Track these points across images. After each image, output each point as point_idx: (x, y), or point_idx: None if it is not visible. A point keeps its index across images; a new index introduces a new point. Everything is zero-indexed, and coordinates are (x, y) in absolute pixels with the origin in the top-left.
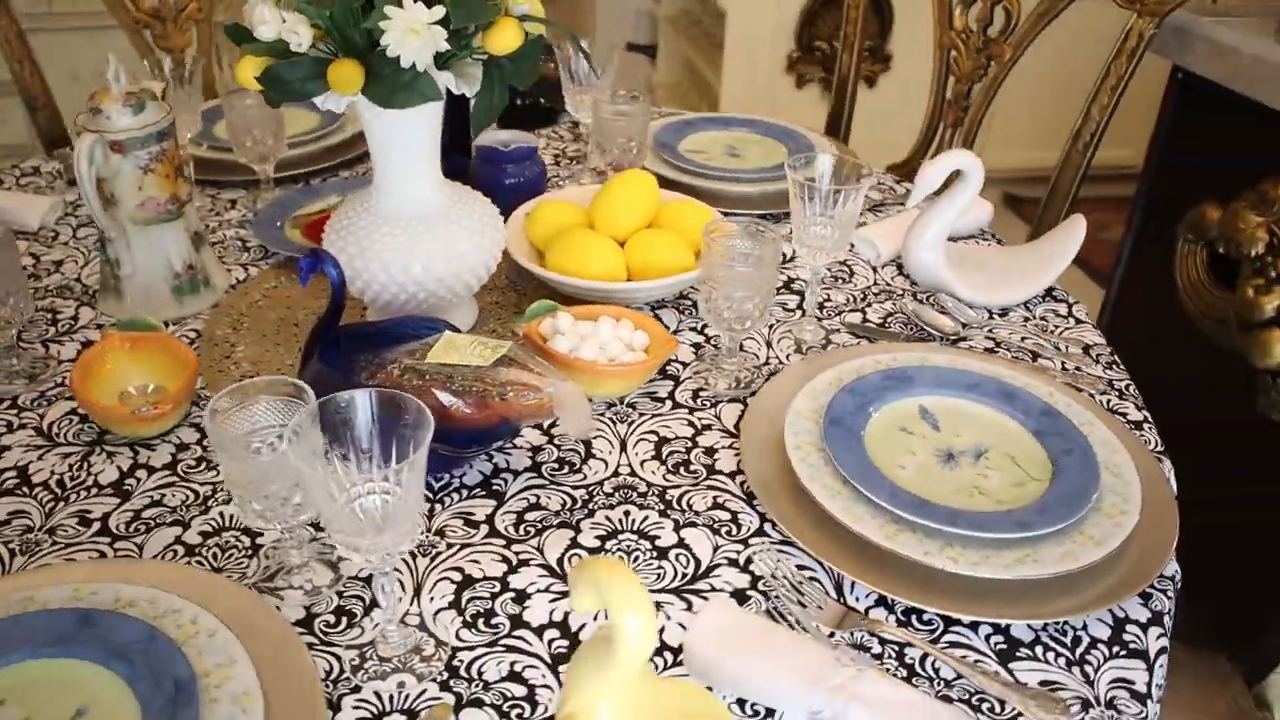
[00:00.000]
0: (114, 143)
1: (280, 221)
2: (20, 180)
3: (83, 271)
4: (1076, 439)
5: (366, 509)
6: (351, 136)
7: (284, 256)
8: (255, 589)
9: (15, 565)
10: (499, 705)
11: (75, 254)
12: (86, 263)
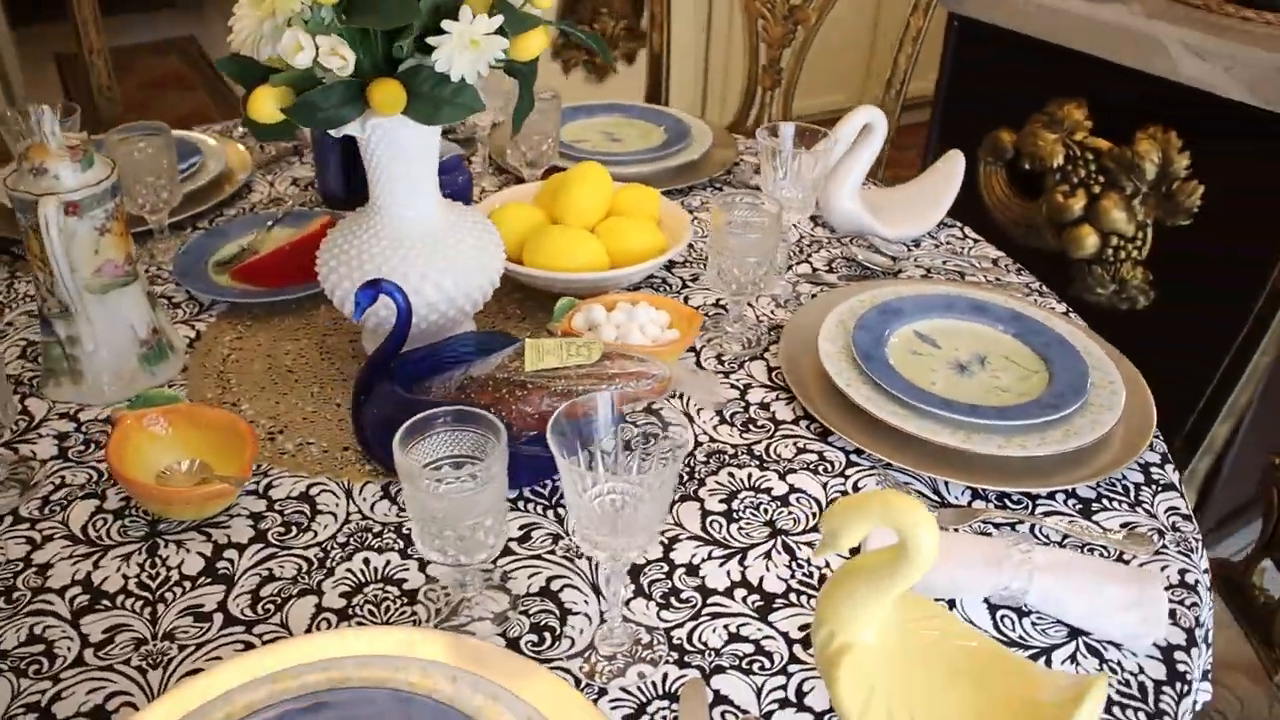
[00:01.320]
0: (69, 204)
1: (198, 270)
2: None
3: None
4: (1048, 333)
5: (604, 507)
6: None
7: (227, 304)
8: (439, 629)
9: (159, 680)
10: (739, 664)
11: None
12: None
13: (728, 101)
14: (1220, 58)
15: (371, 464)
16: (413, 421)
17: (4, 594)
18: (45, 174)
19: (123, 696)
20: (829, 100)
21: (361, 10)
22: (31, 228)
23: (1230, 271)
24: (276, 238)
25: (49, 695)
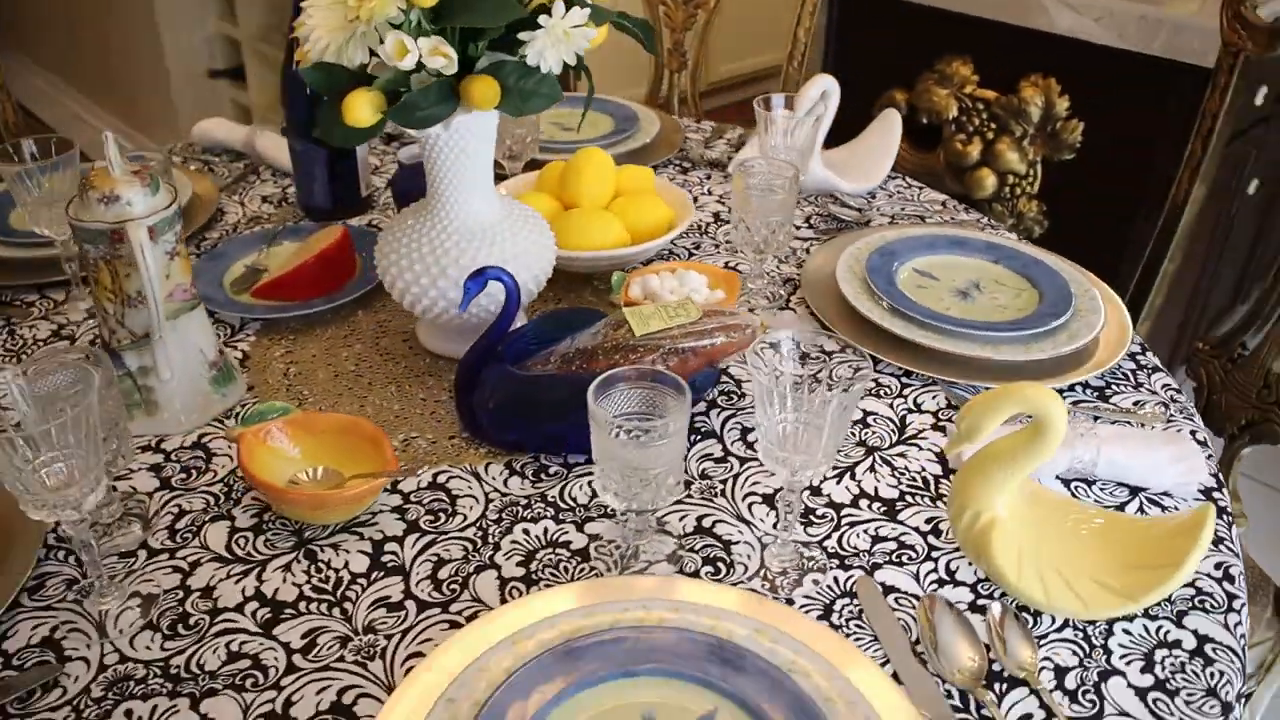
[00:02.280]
0: (147, 230)
1: (216, 294)
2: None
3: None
4: (1024, 256)
5: (787, 432)
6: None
7: (259, 323)
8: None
9: (383, 669)
10: (890, 559)
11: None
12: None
13: (638, 83)
14: (1092, 9)
15: (484, 447)
16: (600, 379)
17: (180, 621)
18: (118, 201)
19: (355, 689)
20: (740, 65)
21: (461, 11)
22: (103, 259)
23: (1111, 195)
24: (283, 253)
25: (281, 702)
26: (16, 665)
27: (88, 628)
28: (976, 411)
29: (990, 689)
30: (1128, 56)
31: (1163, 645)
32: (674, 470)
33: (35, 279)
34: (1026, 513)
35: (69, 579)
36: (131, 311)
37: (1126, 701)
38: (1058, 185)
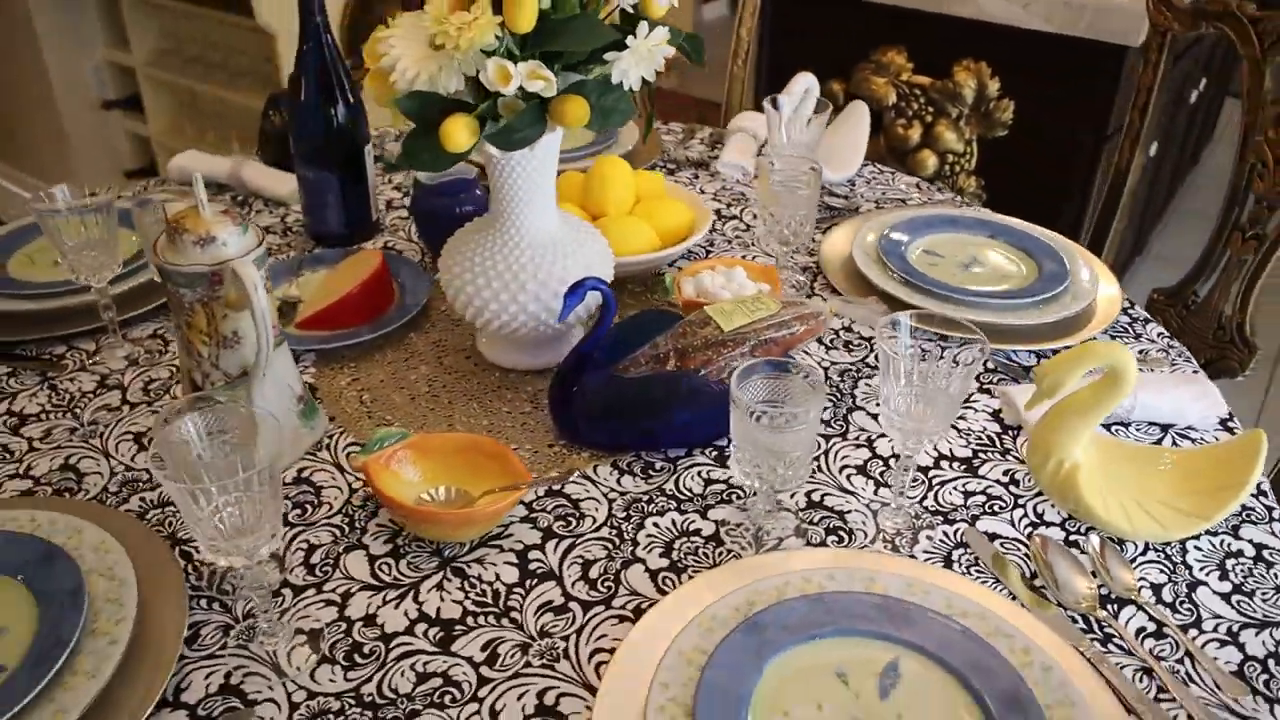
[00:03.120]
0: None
1: None
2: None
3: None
4: (1014, 230)
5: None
6: None
7: (313, 353)
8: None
9: (579, 661)
10: (985, 510)
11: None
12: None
13: None
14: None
15: (585, 450)
16: (741, 369)
17: (354, 651)
18: (214, 242)
19: (553, 690)
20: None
21: (555, 37)
22: (200, 301)
23: (1043, 166)
24: (313, 282)
25: (486, 712)
26: (204, 715)
27: (262, 669)
28: (1059, 370)
29: (1104, 610)
30: (1053, 38)
31: (1230, 555)
32: (809, 453)
33: (50, 331)
34: (1099, 456)
35: (221, 625)
36: (227, 353)
37: (1216, 606)
38: (993, 161)
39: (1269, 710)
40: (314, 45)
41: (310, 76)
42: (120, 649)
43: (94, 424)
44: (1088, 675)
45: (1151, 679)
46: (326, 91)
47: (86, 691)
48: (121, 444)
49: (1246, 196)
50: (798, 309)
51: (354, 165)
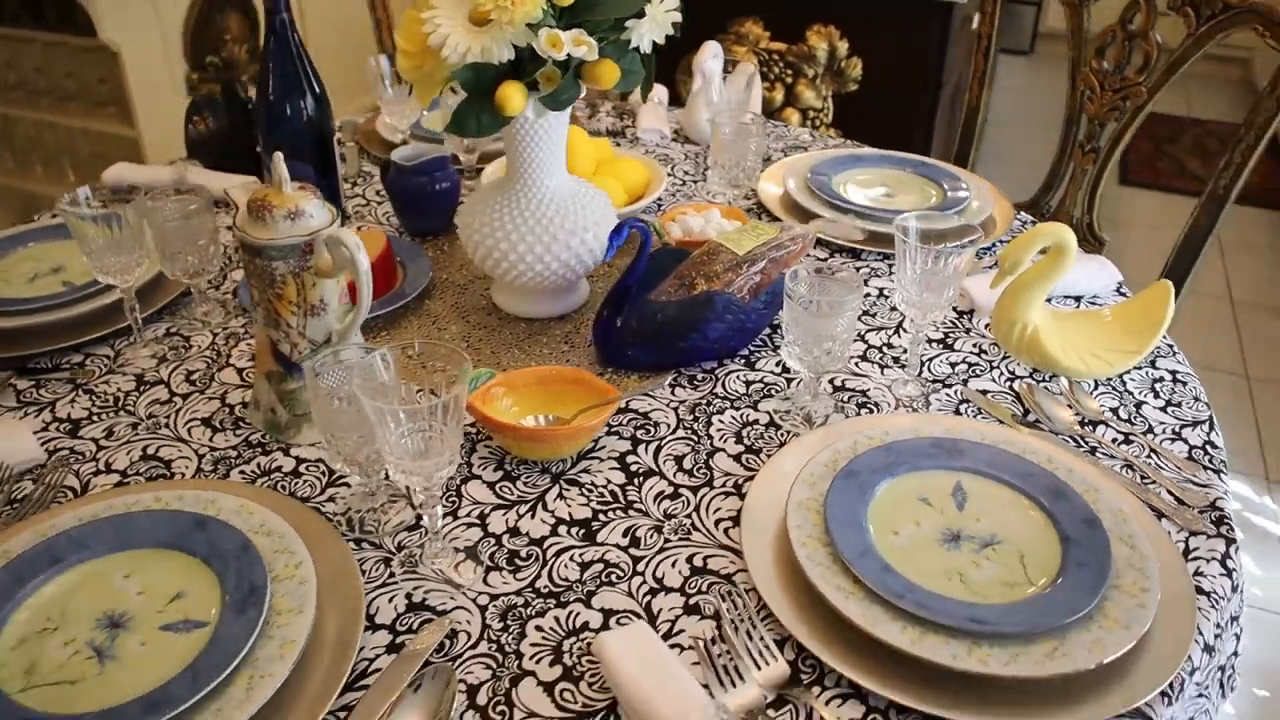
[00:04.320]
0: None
1: None
2: None
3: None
4: (912, 160)
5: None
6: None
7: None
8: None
9: (705, 528)
10: (974, 372)
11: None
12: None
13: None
14: None
15: (631, 374)
16: (790, 272)
17: (514, 556)
18: (302, 215)
19: (701, 553)
20: None
21: (592, 7)
22: (292, 273)
23: (890, 115)
24: None
25: (651, 579)
26: (403, 630)
27: (438, 585)
28: (1017, 250)
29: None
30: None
31: (1157, 381)
32: (849, 338)
33: (61, 342)
34: (1052, 322)
35: (379, 559)
36: (313, 321)
37: (1158, 416)
38: (847, 113)
39: (1217, 477)
40: (280, 40)
41: (278, 71)
42: (312, 586)
43: (152, 417)
44: (1094, 472)
45: (1133, 470)
46: (295, 85)
47: (301, 624)
48: (193, 429)
49: (1080, 118)
50: (789, 232)
51: (325, 156)
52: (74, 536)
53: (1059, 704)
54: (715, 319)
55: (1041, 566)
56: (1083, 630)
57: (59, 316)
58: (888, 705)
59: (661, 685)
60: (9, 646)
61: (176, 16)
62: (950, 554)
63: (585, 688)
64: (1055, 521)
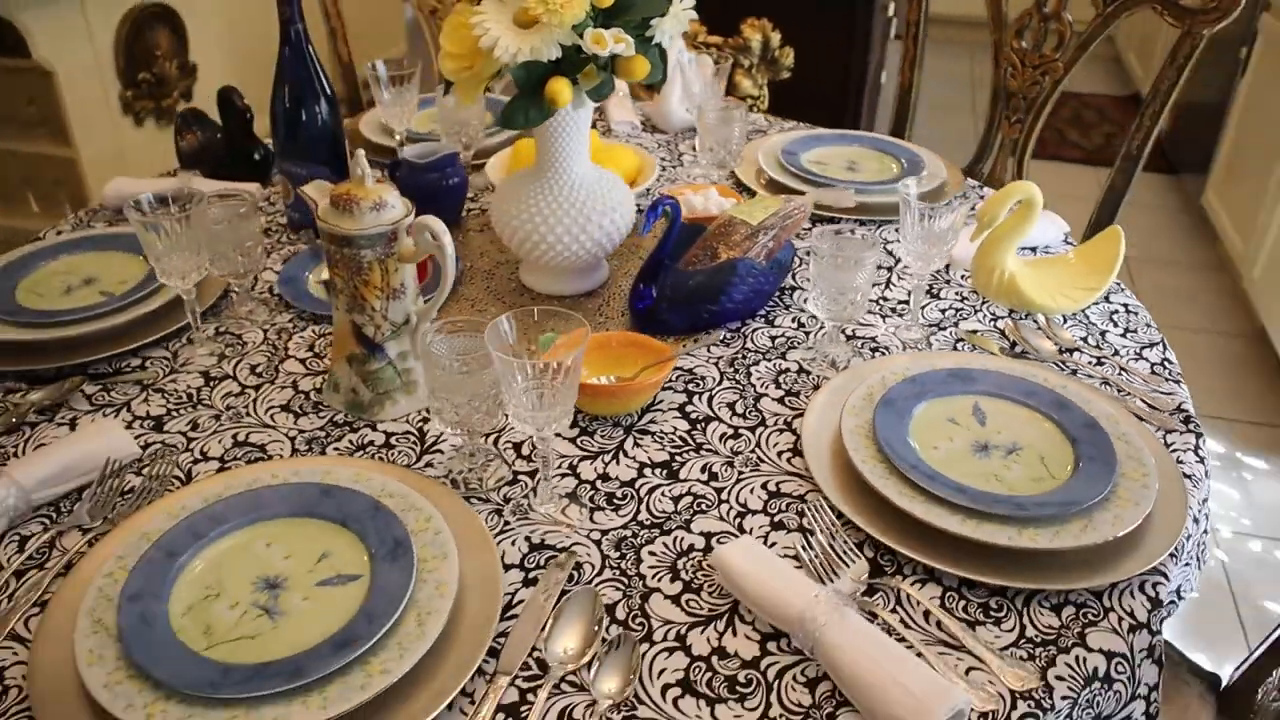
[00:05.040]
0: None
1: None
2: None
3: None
4: (867, 137)
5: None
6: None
7: None
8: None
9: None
10: (966, 315)
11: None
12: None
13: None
14: None
15: (666, 339)
16: (817, 233)
17: (612, 497)
18: (385, 206)
19: (777, 480)
20: None
21: (625, 9)
22: (379, 259)
23: (821, 100)
24: None
25: (736, 503)
26: (532, 566)
27: (551, 528)
28: (994, 206)
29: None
30: None
31: (1113, 312)
32: (868, 290)
33: (112, 349)
34: (1022, 265)
35: (487, 510)
36: (394, 304)
37: (1120, 341)
38: (782, 100)
39: (1178, 386)
40: (296, 49)
41: (294, 79)
42: (448, 535)
43: (231, 408)
44: (1081, 388)
45: (1109, 386)
46: (310, 91)
47: (449, 568)
48: (275, 415)
49: (1005, 92)
50: (792, 202)
51: (338, 157)
52: (210, 514)
53: (1094, 569)
54: (740, 282)
55: (1059, 463)
56: (1104, 510)
57: (107, 325)
58: (959, 583)
59: (778, 580)
60: (179, 614)
61: (108, 35)
62: (983, 461)
63: (706, 596)
64: (1062, 428)
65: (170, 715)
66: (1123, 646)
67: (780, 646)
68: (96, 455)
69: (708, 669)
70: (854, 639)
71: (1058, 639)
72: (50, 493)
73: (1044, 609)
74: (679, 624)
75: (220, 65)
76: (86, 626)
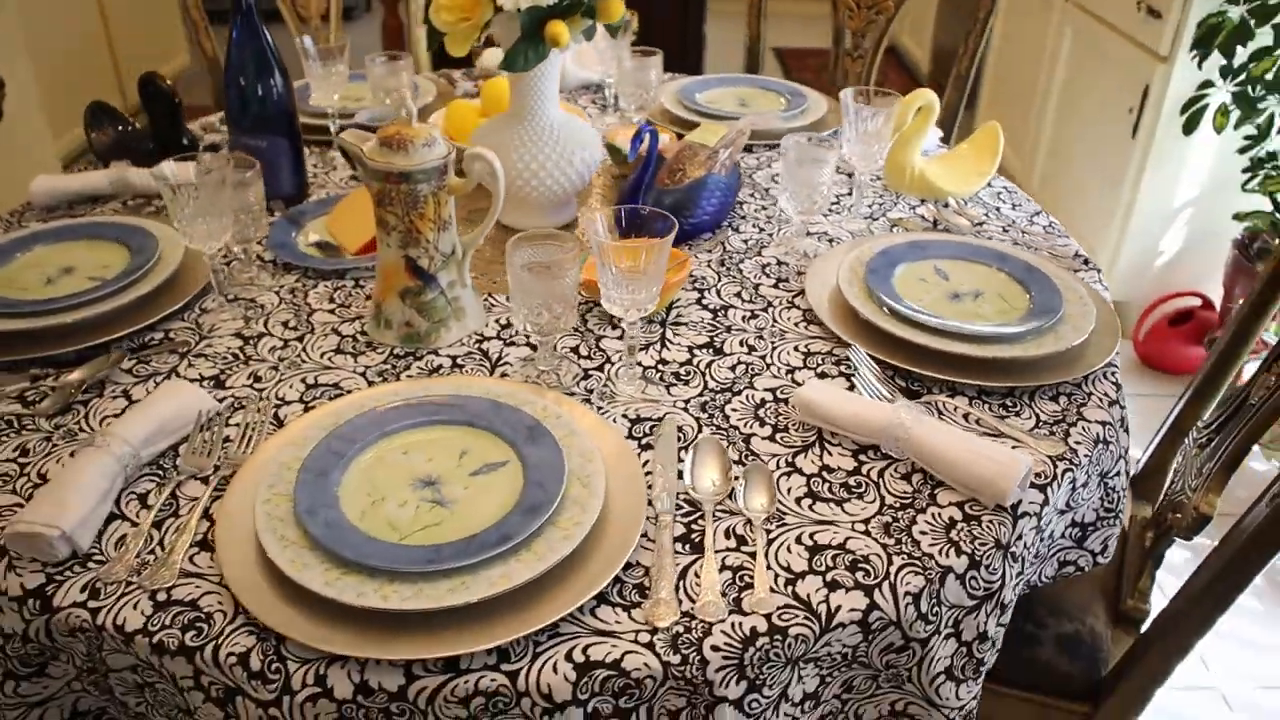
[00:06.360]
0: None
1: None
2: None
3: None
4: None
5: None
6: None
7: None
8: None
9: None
10: (899, 220)
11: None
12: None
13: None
14: None
15: None
16: (784, 145)
17: (663, 375)
18: (435, 142)
19: (816, 344)
20: None
21: None
22: (433, 192)
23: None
24: (320, 226)
25: (769, 382)
26: (639, 435)
27: (639, 403)
28: (903, 111)
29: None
30: None
31: (998, 193)
32: (830, 187)
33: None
34: (927, 161)
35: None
36: (444, 235)
37: (1014, 214)
38: None
39: (1070, 240)
40: (249, 23)
41: (247, 52)
42: (569, 418)
43: (284, 359)
44: (1005, 247)
45: (1018, 244)
46: (264, 64)
47: (583, 440)
48: (332, 358)
49: (844, 32)
50: (735, 127)
51: (292, 129)
52: (340, 434)
53: (1069, 367)
54: (710, 194)
55: (1016, 299)
56: (1063, 324)
57: (113, 305)
58: (978, 392)
59: (856, 405)
60: (356, 520)
61: None
62: (959, 305)
63: (794, 432)
64: (1008, 273)
65: (401, 593)
66: (1107, 416)
67: (870, 456)
68: (187, 410)
69: (822, 481)
70: (936, 432)
71: (1063, 418)
72: (152, 450)
73: (1045, 400)
74: (783, 453)
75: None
76: (275, 545)
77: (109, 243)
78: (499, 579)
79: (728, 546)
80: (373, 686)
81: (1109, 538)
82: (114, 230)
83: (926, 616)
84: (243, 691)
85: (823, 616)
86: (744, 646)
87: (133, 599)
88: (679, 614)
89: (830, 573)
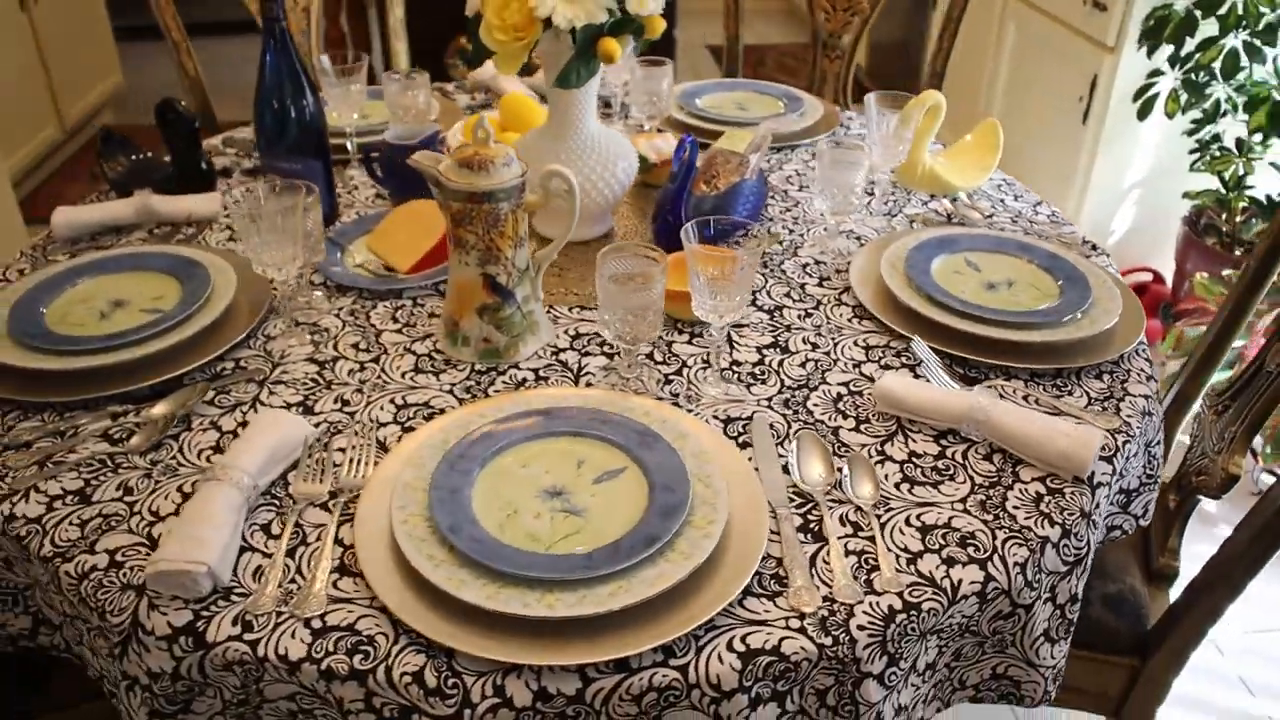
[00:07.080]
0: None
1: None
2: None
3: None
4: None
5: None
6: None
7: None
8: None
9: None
10: (920, 216)
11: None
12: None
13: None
14: None
15: None
16: (819, 149)
17: (755, 378)
18: (513, 162)
19: (876, 337)
20: None
21: None
22: (512, 210)
23: None
24: (362, 246)
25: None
26: (733, 435)
27: (726, 402)
28: (910, 111)
29: (986, 219)
30: None
31: (998, 185)
32: (864, 181)
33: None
34: (935, 157)
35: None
36: (519, 251)
37: (1017, 206)
38: None
39: (1075, 226)
40: (281, 47)
41: (282, 77)
42: (680, 418)
43: (365, 381)
44: (1021, 237)
45: (1027, 233)
46: (297, 87)
47: (694, 441)
48: (413, 378)
49: (821, 32)
50: (758, 131)
51: (323, 150)
52: (460, 452)
53: (1105, 349)
54: (745, 199)
55: (1048, 285)
56: (1095, 308)
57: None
58: (1030, 375)
59: (934, 392)
60: (497, 534)
61: None
62: (996, 294)
63: (876, 422)
64: (1035, 262)
65: (565, 601)
66: (1146, 390)
67: (950, 440)
68: (292, 438)
69: (914, 466)
70: (1011, 414)
71: (1111, 394)
72: (266, 479)
73: (1090, 378)
74: (871, 443)
75: None
76: (426, 564)
77: (156, 274)
78: (656, 579)
79: (846, 533)
80: (551, 692)
81: (1149, 502)
82: (159, 261)
83: (1031, 584)
84: (419, 709)
85: (948, 590)
86: (885, 624)
87: (288, 628)
88: (820, 599)
89: (944, 550)
